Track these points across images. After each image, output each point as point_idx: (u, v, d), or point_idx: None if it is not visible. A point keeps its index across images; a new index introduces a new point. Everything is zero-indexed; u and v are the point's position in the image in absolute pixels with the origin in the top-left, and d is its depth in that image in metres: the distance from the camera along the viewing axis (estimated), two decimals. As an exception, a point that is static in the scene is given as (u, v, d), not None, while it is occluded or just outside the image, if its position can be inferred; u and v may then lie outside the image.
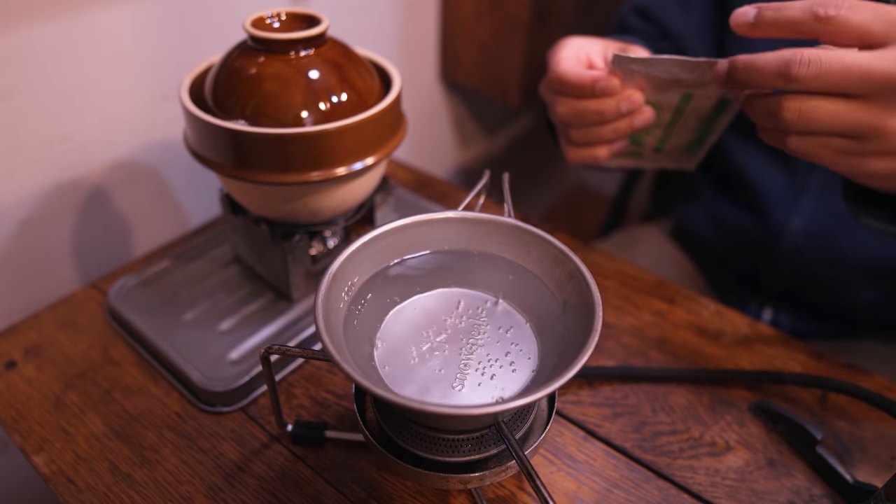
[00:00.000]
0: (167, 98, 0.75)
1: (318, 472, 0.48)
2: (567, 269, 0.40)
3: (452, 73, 1.20)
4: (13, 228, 0.68)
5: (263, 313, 0.59)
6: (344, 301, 0.40)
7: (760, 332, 0.60)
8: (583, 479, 0.48)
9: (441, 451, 0.39)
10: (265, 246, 0.58)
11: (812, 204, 0.67)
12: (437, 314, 0.42)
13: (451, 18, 1.14)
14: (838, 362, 0.57)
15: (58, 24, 0.63)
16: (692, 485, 0.47)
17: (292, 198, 0.53)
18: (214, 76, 0.53)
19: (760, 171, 0.70)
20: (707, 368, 0.56)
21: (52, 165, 0.68)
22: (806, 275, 0.70)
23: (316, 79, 0.51)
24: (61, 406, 0.52)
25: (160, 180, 0.80)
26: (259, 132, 0.48)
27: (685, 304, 0.63)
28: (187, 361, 0.54)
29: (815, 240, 0.67)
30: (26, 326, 0.59)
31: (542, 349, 0.39)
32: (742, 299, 0.76)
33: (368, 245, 0.41)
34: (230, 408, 0.52)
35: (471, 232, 0.44)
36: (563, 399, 0.53)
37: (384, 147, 0.54)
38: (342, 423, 0.51)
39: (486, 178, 0.50)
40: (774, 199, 0.69)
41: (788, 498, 0.47)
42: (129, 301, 0.59)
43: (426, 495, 0.46)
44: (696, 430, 0.51)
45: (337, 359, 0.33)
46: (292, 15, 0.54)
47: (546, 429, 0.40)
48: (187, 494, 0.46)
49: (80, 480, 0.47)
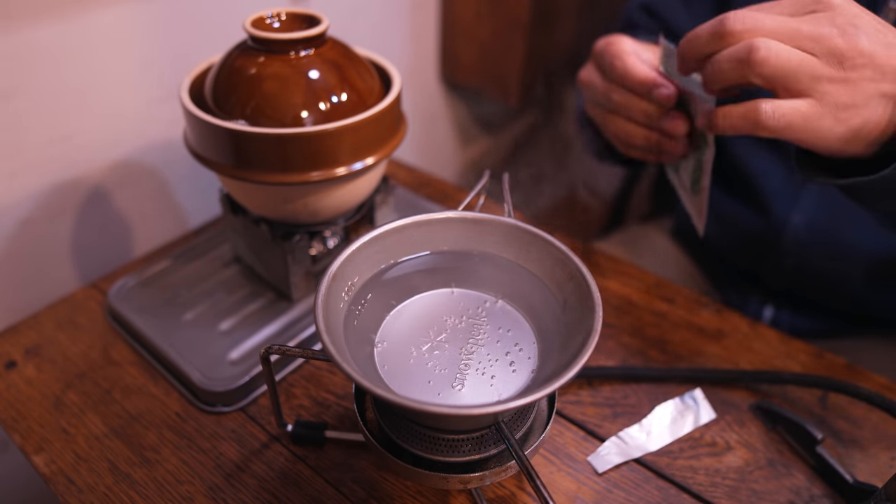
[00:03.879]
0: (167, 98, 0.75)
1: (318, 472, 0.48)
2: (567, 270, 0.40)
3: (453, 73, 1.20)
4: (13, 228, 0.68)
5: (263, 313, 0.59)
6: (344, 301, 0.40)
7: (760, 332, 0.60)
8: (583, 479, 0.48)
9: (441, 451, 0.39)
10: (265, 246, 0.58)
11: (813, 199, 0.67)
12: (437, 314, 0.42)
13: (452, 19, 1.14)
14: (838, 362, 0.57)
15: (58, 24, 0.63)
16: (692, 485, 0.47)
17: (292, 198, 0.53)
18: (214, 76, 0.53)
19: (761, 167, 0.70)
20: (707, 368, 0.56)
21: (52, 165, 0.68)
22: (807, 271, 0.69)
23: (316, 79, 0.51)
24: (61, 406, 0.52)
25: (160, 180, 0.80)
26: (259, 132, 0.48)
27: (685, 304, 0.63)
28: (187, 361, 0.54)
29: (817, 235, 0.67)
30: (26, 326, 0.59)
31: (542, 349, 0.39)
32: (743, 297, 0.76)
33: (368, 245, 0.41)
34: (230, 408, 0.52)
35: (471, 232, 0.44)
36: (563, 399, 0.53)
37: (384, 147, 0.54)
38: (342, 423, 0.51)
39: (486, 178, 0.50)
40: (775, 194, 0.69)
41: (788, 498, 0.47)
42: (129, 301, 0.59)
43: (426, 495, 0.46)
44: (695, 430, 0.51)
45: (337, 359, 0.33)
46: (292, 15, 0.54)
47: (546, 429, 0.40)
48: (187, 494, 0.46)
49: (80, 480, 0.47)
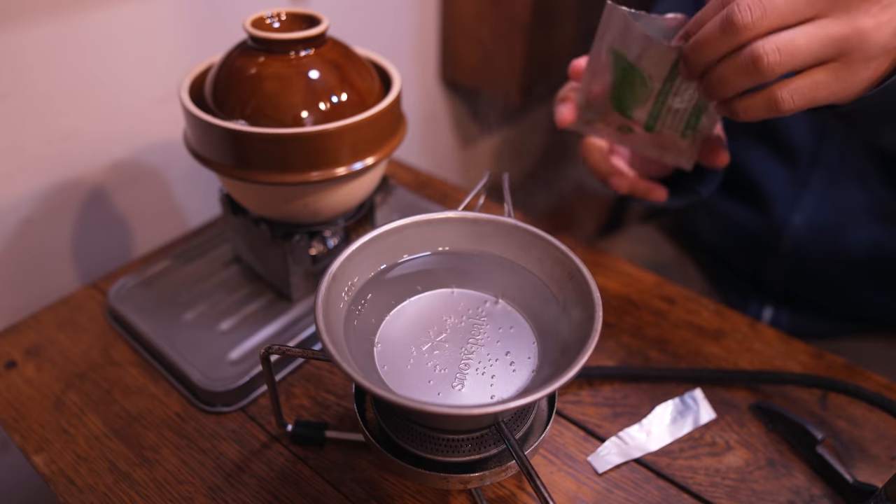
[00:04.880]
0: (167, 98, 0.75)
1: (318, 472, 0.48)
2: (567, 269, 0.40)
3: (453, 73, 1.20)
4: (13, 228, 0.68)
5: (263, 313, 0.59)
6: (344, 301, 0.40)
7: (760, 332, 0.60)
8: (583, 479, 0.48)
9: (441, 451, 0.39)
10: (265, 246, 0.58)
11: (814, 199, 0.67)
12: (438, 314, 0.42)
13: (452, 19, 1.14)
14: (838, 362, 0.57)
15: (57, 23, 0.63)
16: (692, 485, 0.47)
17: (292, 198, 0.53)
18: (214, 76, 0.53)
19: (761, 168, 0.70)
20: (707, 368, 0.56)
21: (52, 165, 0.68)
22: (807, 272, 0.69)
23: (316, 79, 0.51)
24: (61, 406, 0.52)
25: (160, 180, 0.80)
26: (259, 132, 0.48)
27: (685, 304, 0.63)
28: (187, 361, 0.54)
29: (817, 235, 0.67)
30: (26, 326, 0.59)
31: (542, 349, 0.39)
32: (743, 298, 0.76)
33: (368, 245, 0.41)
34: (230, 408, 0.52)
35: (471, 232, 0.44)
36: (563, 399, 0.53)
37: (384, 147, 0.54)
38: (342, 423, 0.51)
39: (486, 179, 0.50)
40: (776, 195, 0.69)
41: (788, 498, 0.47)
42: (129, 301, 0.59)
43: (426, 495, 0.46)
44: (695, 430, 0.51)
45: (337, 359, 0.33)
46: (292, 15, 0.54)
47: (546, 429, 0.40)
48: (187, 494, 0.46)
49: (80, 480, 0.47)
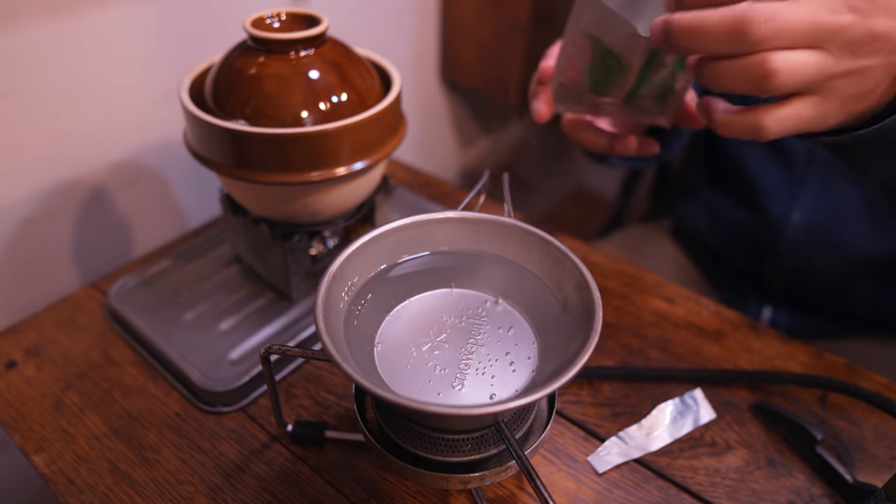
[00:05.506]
0: (167, 98, 0.75)
1: (318, 472, 0.48)
2: (567, 269, 0.40)
3: (453, 73, 1.20)
4: (13, 228, 0.68)
5: (263, 313, 0.59)
6: (344, 301, 0.40)
7: (760, 332, 0.60)
8: (583, 479, 0.48)
9: (441, 451, 0.39)
10: (265, 246, 0.58)
11: (811, 197, 0.67)
12: (437, 314, 0.42)
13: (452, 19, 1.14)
14: (838, 362, 0.57)
15: (57, 23, 0.63)
16: (692, 485, 0.47)
17: (292, 198, 0.53)
18: (214, 76, 0.53)
19: (758, 167, 0.70)
20: (707, 368, 0.56)
21: (52, 165, 0.68)
22: (806, 270, 0.69)
23: (316, 79, 0.51)
24: (61, 406, 0.52)
25: (160, 180, 0.80)
26: (259, 132, 0.48)
27: (685, 304, 0.63)
28: (187, 361, 0.54)
29: (816, 233, 0.67)
30: (26, 326, 0.59)
31: (542, 349, 0.39)
32: (742, 297, 0.76)
33: (368, 245, 0.41)
34: (230, 408, 0.52)
35: (471, 232, 0.44)
36: (563, 399, 0.53)
37: (384, 147, 0.54)
38: (342, 423, 0.51)
39: (486, 178, 0.50)
40: (773, 194, 0.69)
41: (788, 498, 0.47)
42: (129, 301, 0.59)
43: (426, 495, 0.46)
44: (695, 430, 0.51)
45: (337, 359, 0.33)
46: (292, 15, 0.54)
47: (546, 429, 0.40)
48: (187, 494, 0.46)
49: (80, 480, 0.47)
